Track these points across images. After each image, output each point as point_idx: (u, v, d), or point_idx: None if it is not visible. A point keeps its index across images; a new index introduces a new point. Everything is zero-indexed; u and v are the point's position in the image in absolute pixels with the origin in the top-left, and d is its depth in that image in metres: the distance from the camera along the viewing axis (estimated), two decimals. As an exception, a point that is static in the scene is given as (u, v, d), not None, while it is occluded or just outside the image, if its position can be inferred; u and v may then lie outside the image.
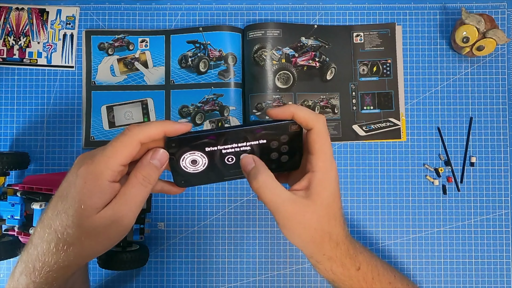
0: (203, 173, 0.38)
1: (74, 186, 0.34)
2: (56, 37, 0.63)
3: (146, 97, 0.62)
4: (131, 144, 0.35)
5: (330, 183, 0.38)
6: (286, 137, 0.37)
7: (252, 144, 0.37)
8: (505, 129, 0.61)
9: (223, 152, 0.37)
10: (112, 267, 0.53)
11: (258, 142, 0.37)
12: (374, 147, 0.62)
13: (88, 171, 0.34)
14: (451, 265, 0.60)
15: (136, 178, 0.36)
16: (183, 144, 0.36)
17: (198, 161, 0.37)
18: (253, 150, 0.37)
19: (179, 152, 0.36)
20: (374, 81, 0.62)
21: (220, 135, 0.36)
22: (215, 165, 0.38)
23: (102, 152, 0.35)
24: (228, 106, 0.60)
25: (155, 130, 0.35)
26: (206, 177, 0.38)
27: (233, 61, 0.61)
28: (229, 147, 0.37)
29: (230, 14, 0.63)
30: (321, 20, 0.63)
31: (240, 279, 0.61)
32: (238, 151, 0.37)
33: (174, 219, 0.61)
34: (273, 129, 0.37)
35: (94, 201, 0.34)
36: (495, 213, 0.61)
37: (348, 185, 0.61)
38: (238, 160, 0.38)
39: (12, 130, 0.62)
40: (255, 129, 0.36)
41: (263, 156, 0.38)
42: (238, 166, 0.38)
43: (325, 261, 0.40)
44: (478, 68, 0.62)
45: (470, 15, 0.58)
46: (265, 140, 0.37)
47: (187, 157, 0.37)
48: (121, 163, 0.34)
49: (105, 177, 0.34)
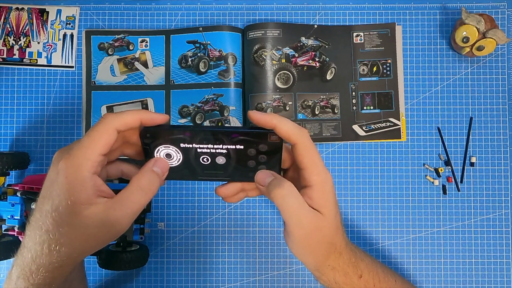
0: (177, 168, 0.37)
1: (56, 183, 0.33)
2: (56, 37, 0.63)
3: (146, 97, 0.62)
4: (107, 132, 0.34)
5: (330, 194, 0.37)
6: (264, 147, 0.36)
7: (229, 147, 0.36)
8: (505, 129, 0.61)
9: (198, 151, 0.36)
10: (112, 267, 0.53)
11: (235, 146, 0.36)
12: (374, 147, 0.62)
13: (68, 165, 0.33)
14: (451, 265, 0.60)
15: (137, 184, 0.35)
16: (158, 136, 0.35)
17: (172, 155, 0.36)
18: (229, 153, 0.36)
19: (154, 143, 0.36)
20: (374, 81, 0.62)
21: (196, 133, 0.35)
22: (190, 162, 0.37)
23: (78, 144, 0.34)
24: (228, 106, 0.60)
25: (131, 118, 0.35)
26: (180, 173, 0.37)
27: (233, 61, 0.61)
28: (204, 147, 0.36)
29: (230, 14, 0.63)
30: (321, 20, 0.63)
31: (240, 279, 0.61)
32: (214, 153, 0.36)
33: (174, 219, 0.61)
34: (251, 136, 0.35)
35: (79, 196, 0.33)
36: (495, 213, 0.61)
37: (348, 185, 0.61)
38: (213, 161, 0.36)
39: (12, 130, 0.62)
40: (232, 133, 0.35)
41: (239, 162, 0.37)
42: (213, 168, 0.37)
43: (328, 272, 0.40)
44: (478, 68, 0.62)
45: (470, 15, 0.58)
46: (242, 146, 0.36)
47: (162, 150, 0.36)
48: (99, 152, 0.33)
49: (85, 169, 0.33)
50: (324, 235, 0.37)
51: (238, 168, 0.37)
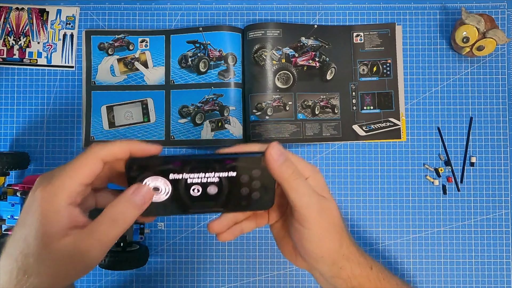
0: (165, 202, 0.34)
1: (31, 210, 0.31)
2: (56, 37, 0.63)
3: (146, 97, 0.62)
4: (92, 162, 0.32)
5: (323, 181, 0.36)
6: (258, 172, 0.34)
7: (221, 176, 0.34)
8: (505, 129, 0.61)
9: (188, 181, 0.34)
10: (112, 267, 0.53)
11: (228, 174, 0.34)
12: (374, 147, 0.62)
13: (44, 193, 0.31)
14: (451, 265, 0.60)
15: (109, 214, 0.32)
16: (146, 167, 0.33)
17: (160, 188, 0.33)
18: (221, 182, 0.34)
19: (141, 176, 0.33)
20: (374, 81, 0.62)
21: (187, 162, 0.33)
22: (179, 195, 0.34)
23: (59, 172, 0.32)
24: (228, 106, 0.60)
25: (119, 149, 0.32)
26: (168, 208, 0.34)
27: (233, 61, 0.61)
28: (195, 177, 0.33)
29: (230, 14, 0.63)
30: (321, 20, 0.63)
31: (240, 279, 0.61)
32: (205, 182, 0.34)
33: (174, 219, 0.61)
34: (244, 162, 0.34)
35: (50, 227, 0.30)
36: (495, 213, 0.61)
37: (348, 185, 0.61)
38: (205, 192, 0.34)
39: (12, 130, 0.62)
40: (225, 159, 0.33)
41: (232, 190, 0.34)
42: (204, 199, 0.34)
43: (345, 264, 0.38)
44: (478, 68, 0.62)
45: (470, 15, 0.58)
46: (235, 172, 0.34)
47: (149, 182, 0.33)
48: (80, 182, 0.31)
49: (61, 199, 0.31)
50: (334, 216, 0.36)
51: (230, 197, 0.35)
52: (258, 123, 0.60)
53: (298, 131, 0.60)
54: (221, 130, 0.60)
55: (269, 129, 0.59)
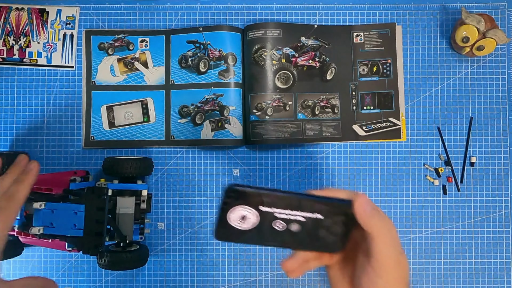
0: (247, 232, 0.35)
1: None
2: (56, 37, 0.63)
3: (146, 97, 0.62)
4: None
5: (397, 239, 0.37)
6: (341, 218, 0.35)
7: (308, 216, 0.35)
8: (505, 129, 0.61)
9: (275, 215, 0.35)
10: (112, 267, 0.53)
11: (314, 215, 0.35)
12: (374, 147, 0.62)
13: None
14: (451, 265, 0.60)
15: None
16: (242, 195, 0.34)
17: (247, 218, 0.35)
18: (305, 222, 0.35)
19: (235, 203, 0.34)
20: (374, 81, 0.62)
21: (280, 198, 0.34)
22: (263, 227, 0.35)
23: None
24: (228, 106, 0.60)
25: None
26: (248, 237, 0.35)
27: (233, 61, 0.61)
28: (284, 212, 0.34)
29: (230, 14, 0.63)
30: (321, 20, 0.63)
31: (240, 279, 0.61)
32: (290, 219, 0.35)
33: (174, 219, 0.61)
34: (332, 207, 0.35)
35: None
36: (495, 213, 0.61)
37: (348, 185, 0.61)
38: (287, 228, 0.35)
39: (12, 130, 0.62)
40: (318, 201, 0.34)
41: (313, 230, 0.35)
42: (284, 234, 0.35)
43: None
44: (478, 68, 0.62)
45: (470, 15, 0.58)
46: (322, 216, 0.35)
47: (238, 210, 0.34)
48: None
49: None
50: (406, 271, 0.37)
51: (309, 237, 0.36)
52: (258, 123, 0.60)
53: (298, 131, 0.60)
54: (221, 130, 0.60)
55: (269, 129, 0.59)
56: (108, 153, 0.62)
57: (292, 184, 0.61)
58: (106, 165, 0.56)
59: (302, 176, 0.61)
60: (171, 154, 0.62)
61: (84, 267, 0.60)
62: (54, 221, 0.51)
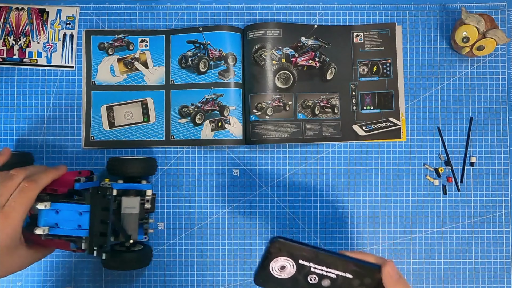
0: (284, 281, 0.38)
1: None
2: (56, 37, 0.63)
3: (146, 97, 0.62)
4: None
5: None
6: (369, 280, 0.37)
7: (340, 274, 0.37)
8: (505, 129, 0.61)
9: (311, 269, 0.37)
10: (116, 267, 0.53)
11: (345, 274, 0.37)
12: (374, 147, 0.62)
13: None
14: (451, 265, 0.60)
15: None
16: (286, 248, 0.37)
17: (286, 268, 0.38)
18: (336, 279, 0.38)
19: (278, 254, 0.37)
20: (374, 81, 0.62)
21: (320, 255, 0.37)
22: (298, 278, 0.38)
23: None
24: (228, 106, 0.60)
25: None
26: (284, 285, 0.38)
27: (233, 61, 0.61)
28: (319, 268, 0.37)
29: (230, 14, 0.63)
30: (321, 20, 0.63)
31: (240, 279, 0.61)
32: (323, 275, 0.38)
33: (174, 219, 0.61)
34: (362, 269, 0.37)
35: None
36: (495, 213, 0.61)
37: (348, 185, 0.61)
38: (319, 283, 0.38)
39: (12, 130, 0.62)
40: (348, 262, 0.37)
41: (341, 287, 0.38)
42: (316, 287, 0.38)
43: None
44: (478, 68, 0.62)
45: (470, 15, 0.58)
46: (351, 275, 0.37)
47: (280, 260, 0.37)
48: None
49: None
50: None
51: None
52: (258, 123, 0.60)
53: (298, 131, 0.60)
54: (221, 130, 0.60)
55: (269, 129, 0.59)
56: (108, 153, 0.62)
57: (292, 184, 0.61)
58: (110, 165, 0.56)
59: (302, 176, 0.61)
60: (171, 154, 0.62)
61: (84, 267, 0.60)
62: (59, 221, 0.50)
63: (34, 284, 0.60)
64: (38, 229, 0.49)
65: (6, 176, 0.47)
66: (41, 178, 0.48)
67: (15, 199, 0.46)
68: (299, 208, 0.61)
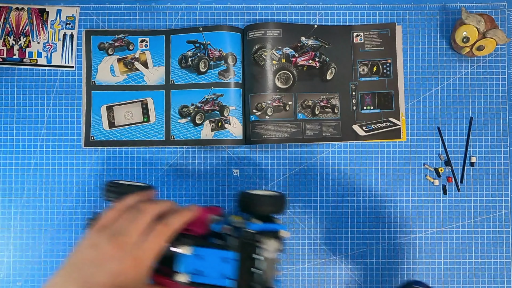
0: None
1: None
2: (56, 37, 0.63)
3: (146, 97, 0.62)
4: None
5: None
6: None
7: None
8: (505, 129, 0.61)
9: None
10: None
11: None
12: (374, 147, 0.62)
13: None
14: (451, 265, 0.60)
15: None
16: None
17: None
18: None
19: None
20: (374, 81, 0.62)
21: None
22: None
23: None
24: (228, 106, 0.60)
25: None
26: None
27: (233, 61, 0.61)
28: None
29: (230, 14, 0.63)
30: (321, 20, 0.63)
31: (240, 279, 0.60)
32: None
33: (174, 219, 0.61)
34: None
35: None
36: (495, 213, 0.61)
37: (348, 185, 0.61)
38: None
39: (12, 130, 0.62)
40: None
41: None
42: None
43: None
44: (478, 68, 0.62)
45: (470, 15, 0.58)
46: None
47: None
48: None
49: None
50: None
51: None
52: (258, 123, 0.60)
53: (298, 131, 0.60)
54: (221, 130, 0.60)
55: (269, 129, 0.59)
56: (108, 153, 0.62)
57: (292, 184, 0.61)
58: (242, 201, 0.52)
59: (302, 176, 0.61)
60: (171, 154, 0.62)
61: None
62: (201, 268, 0.44)
63: (34, 284, 0.60)
64: (179, 275, 0.43)
65: (135, 209, 0.42)
66: (176, 222, 0.42)
67: (149, 243, 0.40)
68: (299, 208, 0.61)
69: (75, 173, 0.61)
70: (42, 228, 0.61)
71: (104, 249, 0.38)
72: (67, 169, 0.61)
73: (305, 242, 0.61)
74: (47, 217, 0.61)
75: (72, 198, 0.61)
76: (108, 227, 0.40)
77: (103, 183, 0.61)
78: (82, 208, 0.61)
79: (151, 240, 0.40)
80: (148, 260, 0.39)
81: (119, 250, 0.38)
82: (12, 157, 0.61)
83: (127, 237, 0.39)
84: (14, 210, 0.61)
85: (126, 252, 0.38)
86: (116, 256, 0.38)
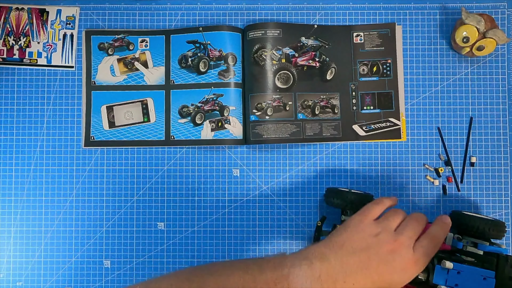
0: None
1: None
2: (56, 37, 0.63)
3: (146, 97, 0.62)
4: None
5: None
6: None
7: None
8: (505, 129, 0.61)
9: None
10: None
11: None
12: (374, 147, 0.62)
13: None
14: (451, 265, 0.60)
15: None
16: None
17: None
18: None
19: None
20: (374, 81, 0.62)
21: None
22: None
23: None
24: (228, 106, 0.60)
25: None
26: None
27: (233, 61, 0.61)
28: None
29: (230, 14, 0.63)
30: (321, 20, 0.63)
31: (240, 279, 0.60)
32: None
33: (174, 219, 0.61)
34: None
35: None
36: (495, 213, 0.61)
37: (348, 185, 0.61)
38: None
39: (12, 130, 0.62)
40: None
41: None
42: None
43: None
44: (478, 68, 0.62)
45: (470, 15, 0.58)
46: None
47: None
48: None
49: None
50: None
51: None
52: (258, 123, 0.60)
53: (298, 131, 0.60)
54: (221, 130, 0.60)
55: (269, 129, 0.59)
56: (108, 153, 0.62)
57: (292, 184, 0.61)
58: (474, 226, 0.50)
59: (302, 176, 0.61)
60: (171, 154, 0.62)
61: (85, 267, 0.61)
62: (462, 284, 0.45)
63: (34, 284, 0.60)
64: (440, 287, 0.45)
65: (410, 216, 0.46)
66: (443, 234, 0.45)
67: (425, 249, 0.42)
68: (299, 208, 0.61)
69: (75, 173, 0.61)
70: (42, 228, 0.61)
71: (385, 241, 0.42)
72: (67, 169, 0.61)
73: (305, 243, 0.61)
74: (47, 217, 0.61)
75: (72, 198, 0.61)
76: (386, 224, 0.44)
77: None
78: (82, 208, 0.61)
79: (428, 246, 0.42)
80: (422, 265, 0.42)
81: (401, 247, 0.41)
82: (12, 157, 0.61)
83: (406, 238, 0.42)
84: (14, 210, 0.61)
85: (408, 251, 0.41)
86: (398, 251, 0.41)
